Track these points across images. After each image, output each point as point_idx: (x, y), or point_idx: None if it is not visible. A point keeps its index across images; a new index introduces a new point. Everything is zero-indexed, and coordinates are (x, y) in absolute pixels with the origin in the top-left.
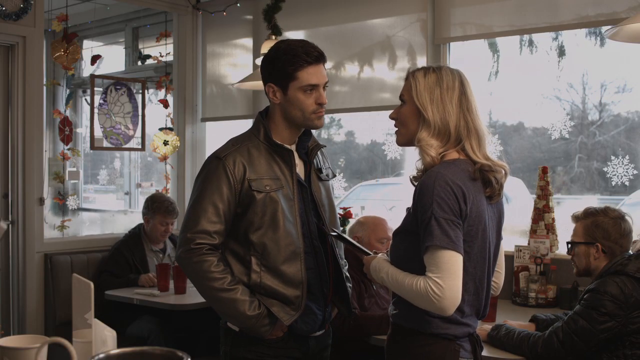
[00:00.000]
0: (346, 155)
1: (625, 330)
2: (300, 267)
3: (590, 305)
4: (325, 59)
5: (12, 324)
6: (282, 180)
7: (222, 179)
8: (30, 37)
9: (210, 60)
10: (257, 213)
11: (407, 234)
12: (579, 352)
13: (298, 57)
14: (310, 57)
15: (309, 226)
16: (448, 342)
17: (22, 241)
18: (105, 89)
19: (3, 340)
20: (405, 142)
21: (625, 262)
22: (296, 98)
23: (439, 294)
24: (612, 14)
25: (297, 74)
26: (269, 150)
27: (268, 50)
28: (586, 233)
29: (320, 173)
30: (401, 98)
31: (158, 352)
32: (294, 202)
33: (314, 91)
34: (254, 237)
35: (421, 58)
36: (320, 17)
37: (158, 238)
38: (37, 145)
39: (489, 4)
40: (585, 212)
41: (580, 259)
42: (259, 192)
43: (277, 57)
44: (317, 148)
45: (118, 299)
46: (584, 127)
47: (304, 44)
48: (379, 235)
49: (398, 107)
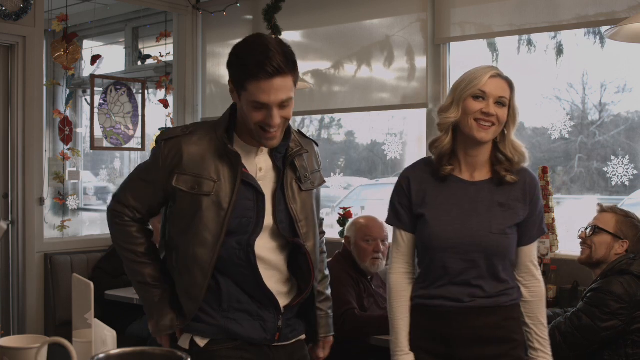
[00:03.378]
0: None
1: (628, 329)
2: (203, 282)
3: (594, 303)
4: (289, 70)
5: (12, 324)
6: (221, 182)
7: (154, 163)
8: (30, 37)
9: (210, 60)
10: (178, 211)
11: (517, 227)
12: (581, 348)
13: (247, 67)
14: (263, 72)
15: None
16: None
17: (22, 241)
18: (105, 89)
19: (3, 340)
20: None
21: (630, 261)
22: (246, 109)
23: None
24: (612, 14)
25: (246, 86)
26: (219, 147)
27: (237, 43)
28: (618, 226)
29: (301, 183)
30: (502, 100)
31: (158, 352)
32: (227, 209)
33: (264, 110)
34: (172, 232)
35: (421, 58)
36: (320, 17)
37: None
38: (37, 145)
39: (488, 4)
40: (619, 209)
41: (600, 248)
42: (182, 191)
43: (235, 56)
44: (294, 155)
45: (118, 299)
46: (584, 127)
47: (264, 51)
48: (365, 235)
49: (495, 106)
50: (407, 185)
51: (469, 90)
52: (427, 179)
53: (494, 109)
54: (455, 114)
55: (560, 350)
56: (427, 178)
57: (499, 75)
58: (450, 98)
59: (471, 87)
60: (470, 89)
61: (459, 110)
